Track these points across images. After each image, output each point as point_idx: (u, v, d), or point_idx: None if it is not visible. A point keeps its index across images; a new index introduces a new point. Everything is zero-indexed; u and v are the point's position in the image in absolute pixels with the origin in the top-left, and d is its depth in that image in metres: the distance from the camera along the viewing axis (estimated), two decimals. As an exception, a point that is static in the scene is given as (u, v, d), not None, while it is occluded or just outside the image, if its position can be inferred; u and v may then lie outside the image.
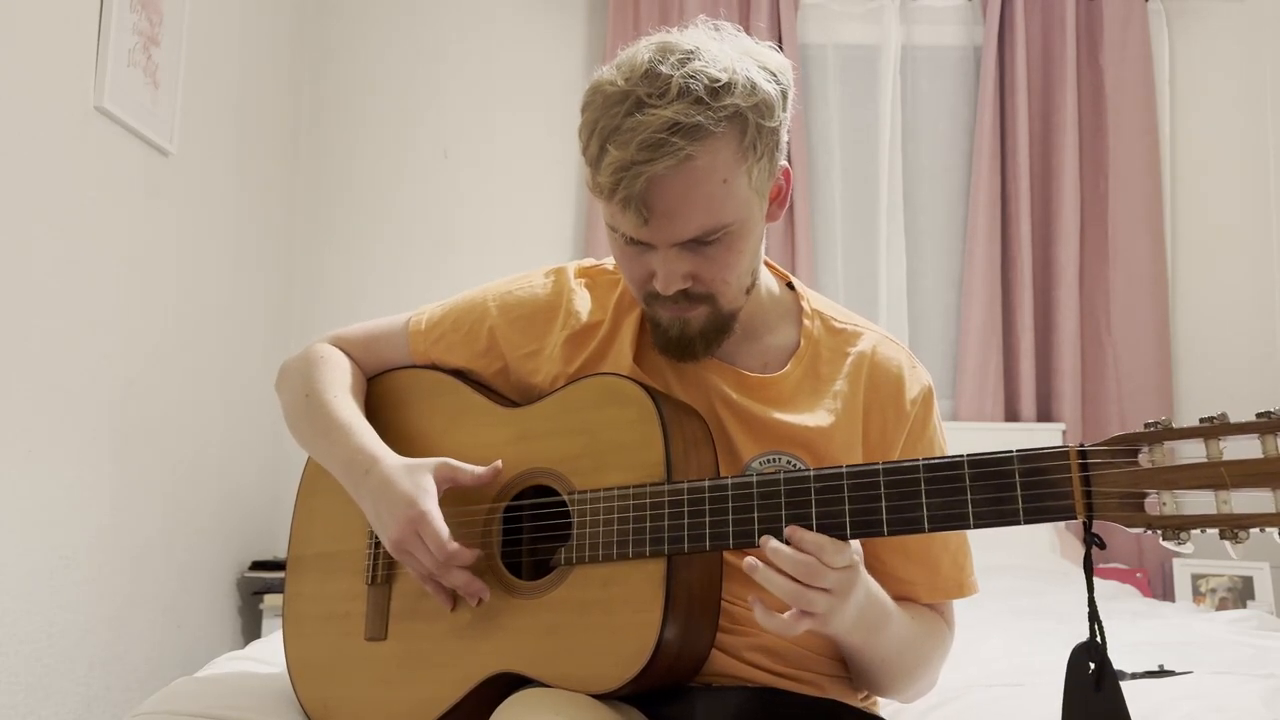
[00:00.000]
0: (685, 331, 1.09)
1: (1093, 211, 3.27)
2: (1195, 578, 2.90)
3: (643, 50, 1.02)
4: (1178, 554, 0.79)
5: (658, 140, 0.97)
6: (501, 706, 0.99)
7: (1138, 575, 2.95)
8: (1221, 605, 2.83)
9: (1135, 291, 3.21)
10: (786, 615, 0.94)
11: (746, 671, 1.06)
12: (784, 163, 1.09)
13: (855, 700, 1.12)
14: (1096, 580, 0.89)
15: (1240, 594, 2.87)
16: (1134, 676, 1.44)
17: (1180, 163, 3.33)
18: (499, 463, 1.11)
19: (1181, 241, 3.30)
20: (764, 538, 0.94)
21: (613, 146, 0.99)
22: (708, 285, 1.05)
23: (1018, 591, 2.33)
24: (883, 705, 1.21)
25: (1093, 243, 3.26)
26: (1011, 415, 3.20)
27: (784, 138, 1.07)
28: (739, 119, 1.00)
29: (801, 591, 0.92)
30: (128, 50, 2.21)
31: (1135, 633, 1.93)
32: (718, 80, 0.98)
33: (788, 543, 0.93)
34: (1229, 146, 3.34)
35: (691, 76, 0.98)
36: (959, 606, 1.20)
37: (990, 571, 1.19)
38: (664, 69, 0.99)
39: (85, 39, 2.11)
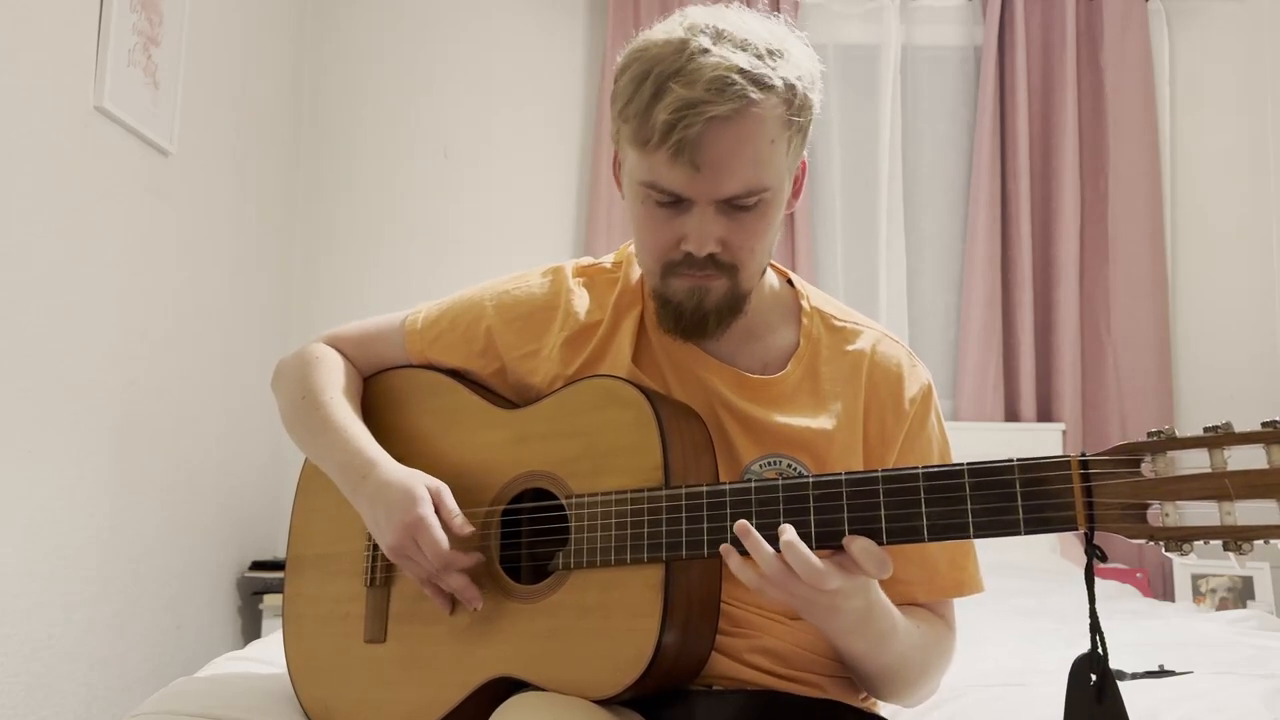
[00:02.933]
0: (702, 304, 1.07)
1: (1093, 211, 3.27)
2: (1195, 578, 2.90)
3: (693, 13, 1.03)
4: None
5: (726, 80, 0.97)
6: (499, 710, 0.98)
7: (1138, 575, 2.95)
8: (1221, 605, 2.82)
9: (1135, 291, 3.21)
10: (758, 579, 0.92)
11: (747, 674, 1.05)
12: (804, 154, 1.09)
13: (855, 700, 1.12)
14: (1097, 580, 0.88)
15: (1240, 594, 2.87)
16: (1134, 676, 1.44)
17: (1180, 163, 3.33)
18: (472, 529, 1.07)
19: (1181, 241, 3.30)
20: (783, 526, 0.91)
21: (677, 85, 0.97)
22: (734, 254, 1.05)
23: (1017, 591, 2.33)
24: (883, 705, 1.21)
25: (1093, 243, 3.26)
26: (1011, 415, 3.20)
27: (812, 125, 1.07)
28: (788, 85, 1.01)
29: (787, 577, 0.90)
30: (128, 50, 2.21)
31: (1135, 633, 1.93)
32: (772, 44, 1.01)
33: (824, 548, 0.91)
34: (1229, 146, 3.33)
35: (750, 34, 1.00)
36: (959, 606, 1.19)
37: (990, 571, 1.19)
38: (723, 25, 1.00)
39: (85, 39, 2.11)
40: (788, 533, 0.91)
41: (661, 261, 1.07)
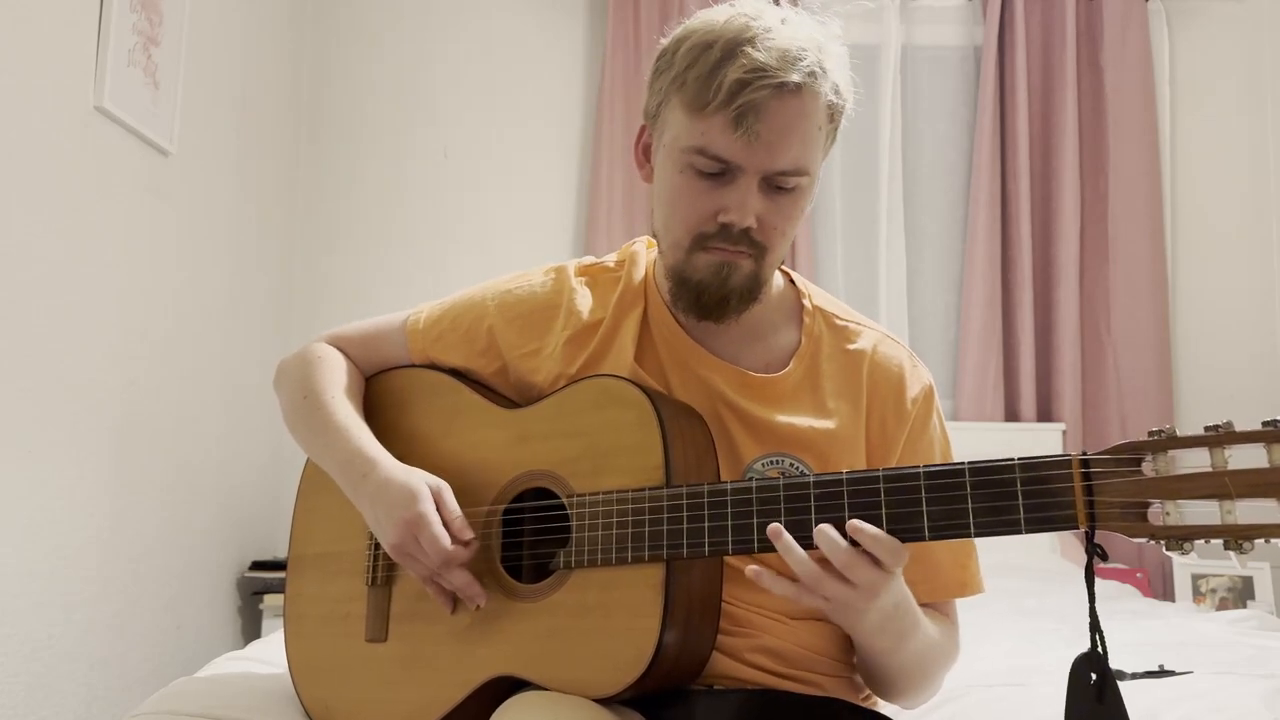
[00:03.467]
0: (727, 282, 1.07)
1: (1093, 211, 3.27)
2: (1195, 578, 2.90)
3: (748, 4, 1.05)
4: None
5: (801, 53, 1.00)
6: (500, 709, 0.98)
7: (1138, 575, 2.95)
8: (1221, 605, 2.82)
9: (1135, 291, 3.21)
10: (794, 588, 0.92)
11: (748, 673, 1.05)
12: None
13: (856, 699, 1.12)
14: (1097, 580, 0.88)
15: (1240, 594, 2.87)
16: (1134, 676, 1.44)
17: (1180, 163, 3.33)
18: (472, 535, 1.06)
19: (1181, 241, 3.30)
20: (820, 528, 0.90)
21: (751, 49, 1.00)
22: (767, 234, 1.06)
23: (1018, 591, 2.33)
24: (882, 704, 1.21)
25: (1093, 243, 3.26)
26: (1011, 415, 3.20)
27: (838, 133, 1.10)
28: (832, 82, 1.04)
29: (821, 577, 0.90)
30: (128, 50, 2.21)
31: (1135, 633, 1.92)
32: (825, 44, 1.05)
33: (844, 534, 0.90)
34: (1229, 146, 3.33)
35: (810, 26, 1.05)
36: (959, 607, 1.19)
37: (990, 571, 1.19)
38: (785, 14, 1.04)
39: (85, 39, 2.11)
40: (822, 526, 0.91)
41: (693, 234, 1.07)
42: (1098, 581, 0.88)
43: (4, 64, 1.88)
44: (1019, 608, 2.18)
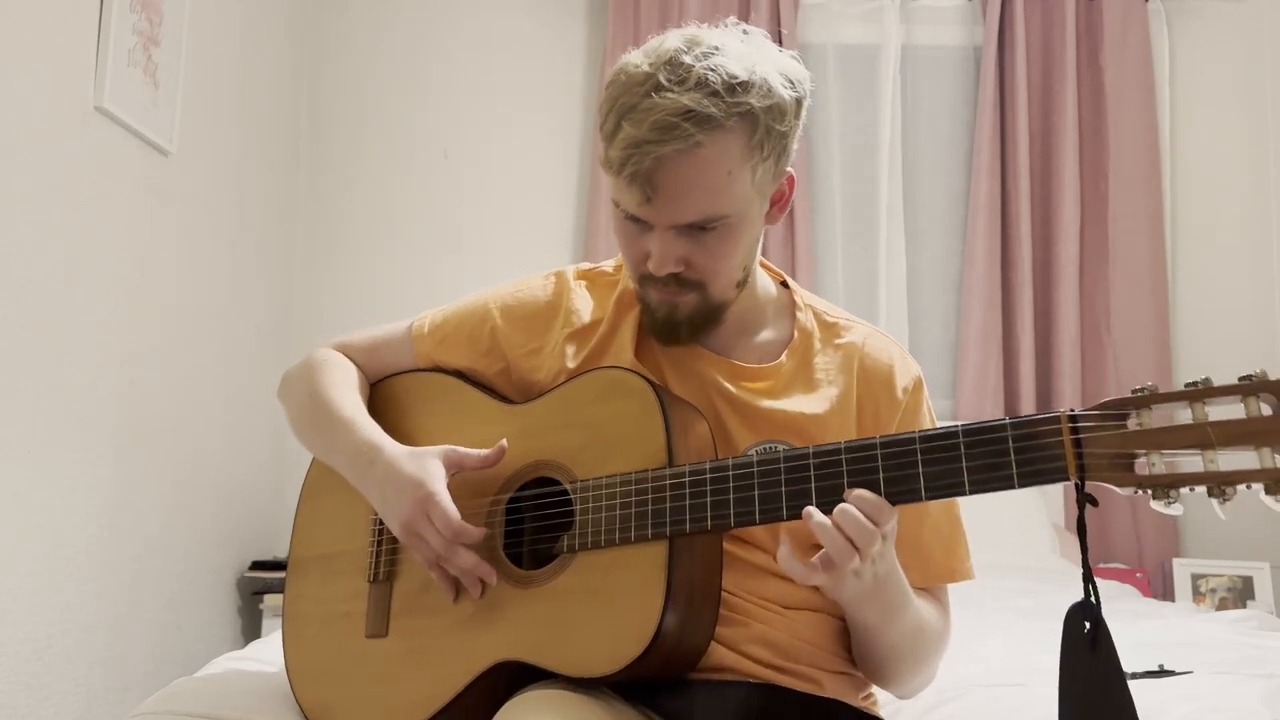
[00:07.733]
0: (673, 315, 1.12)
1: (1093, 211, 3.27)
2: (1195, 578, 2.90)
3: (671, 39, 1.06)
4: (1166, 514, 0.80)
5: (670, 123, 1.00)
6: (503, 709, 0.99)
7: (1138, 575, 2.95)
8: (1221, 605, 2.82)
9: (1135, 291, 3.21)
10: (807, 565, 0.95)
11: (746, 664, 1.06)
12: (789, 169, 1.12)
13: (856, 700, 1.13)
14: (1097, 580, 0.89)
15: (1240, 594, 2.87)
16: (1134, 676, 1.44)
17: (1180, 163, 3.32)
18: (504, 441, 1.12)
19: (1181, 241, 3.30)
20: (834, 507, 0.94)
21: (628, 123, 1.02)
22: (699, 273, 1.09)
23: (1017, 591, 2.33)
24: (882, 705, 1.21)
25: (1093, 243, 3.26)
26: (1011, 415, 3.19)
27: (793, 145, 1.10)
28: (750, 117, 1.03)
29: (847, 550, 0.92)
30: (128, 50, 2.21)
31: (1135, 633, 1.92)
32: (736, 77, 1.02)
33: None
34: (1229, 146, 3.33)
35: (712, 70, 1.02)
36: (958, 605, 1.20)
37: (990, 571, 1.20)
38: (687, 59, 1.03)
39: (85, 39, 2.11)
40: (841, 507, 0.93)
41: (636, 274, 1.12)
42: (1098, 582, 0.90)
43: (4, 64, 1.88)
44: (1018, 608, 2.18)
